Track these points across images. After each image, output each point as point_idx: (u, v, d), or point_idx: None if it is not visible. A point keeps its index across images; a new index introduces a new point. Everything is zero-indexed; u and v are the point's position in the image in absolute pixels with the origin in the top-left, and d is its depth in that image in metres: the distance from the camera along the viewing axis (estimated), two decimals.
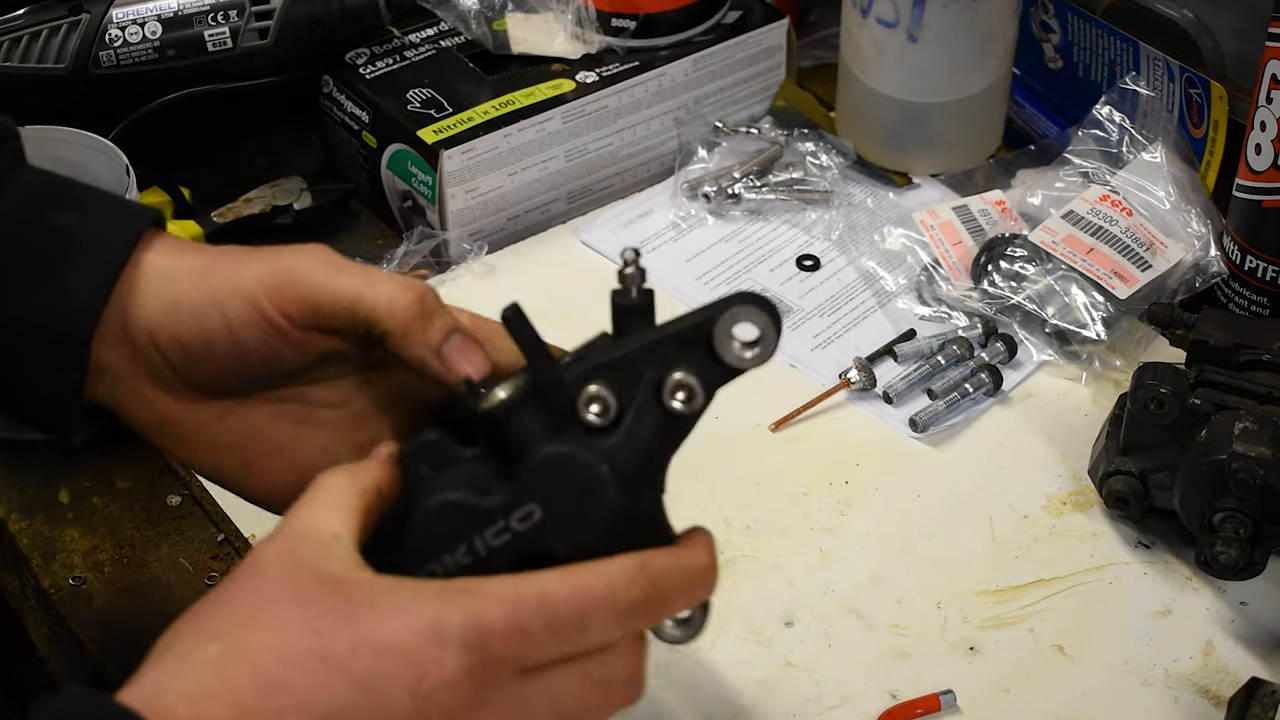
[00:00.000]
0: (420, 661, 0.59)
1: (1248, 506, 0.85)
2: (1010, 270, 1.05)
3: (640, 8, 1.15)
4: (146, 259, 0.72)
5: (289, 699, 0.58)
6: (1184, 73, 1.10)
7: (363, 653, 0.59)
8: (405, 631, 0.59)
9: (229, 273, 0.71)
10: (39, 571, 0.92)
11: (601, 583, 0.62)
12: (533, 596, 0.61)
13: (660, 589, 0.63)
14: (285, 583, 0.61)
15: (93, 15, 1.08)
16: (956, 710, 0.84)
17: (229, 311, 0.70)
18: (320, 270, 0.69)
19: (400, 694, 0.59)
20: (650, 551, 0.64)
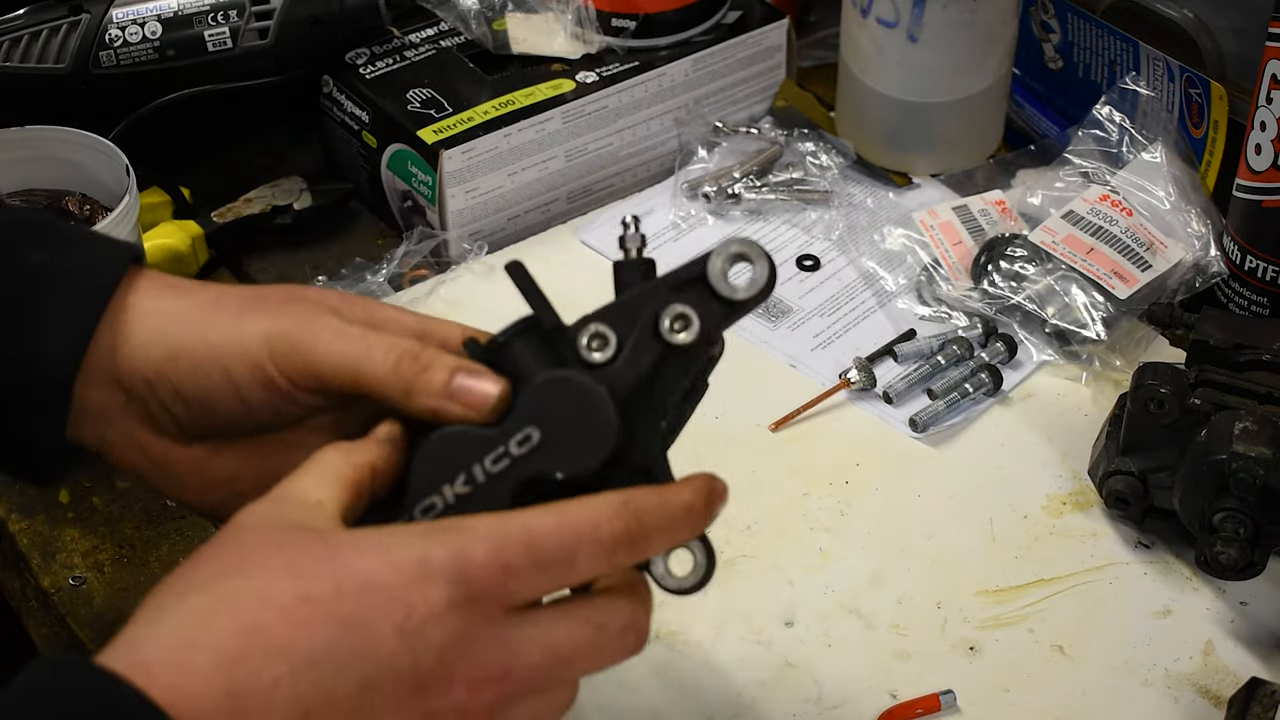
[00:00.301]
0: (406, 598, 0.58)
1: (1248, 506, 0.85)
2: (1010, 270, 1.05)
3: (640, 8, 1.15)
4: (132, 300, 0.71)
5: (273, 641, 0.57)
6: (1184, 73, 1.10)
7: (347, 591, 0.58)
8: (389, 568, 0.59)
9: (229, 331, 0.70)
10: (39, 571, 0.92)
11: (585, 516, 0.62)
12: (518, 531, 0.61)
13: (644, 524, 0.63)
14: (266, 536, 0.61)
15: (93, 15, 1.08)
16: (956, 710, 0.84)
17: (234, 373, 0.69)
18: (320, 338, 0.69)
19: (386, 631, 0.58)
20: (635, 488, 0.64)
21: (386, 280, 1.07)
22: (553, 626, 0.62)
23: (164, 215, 1.11)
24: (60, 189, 1.01)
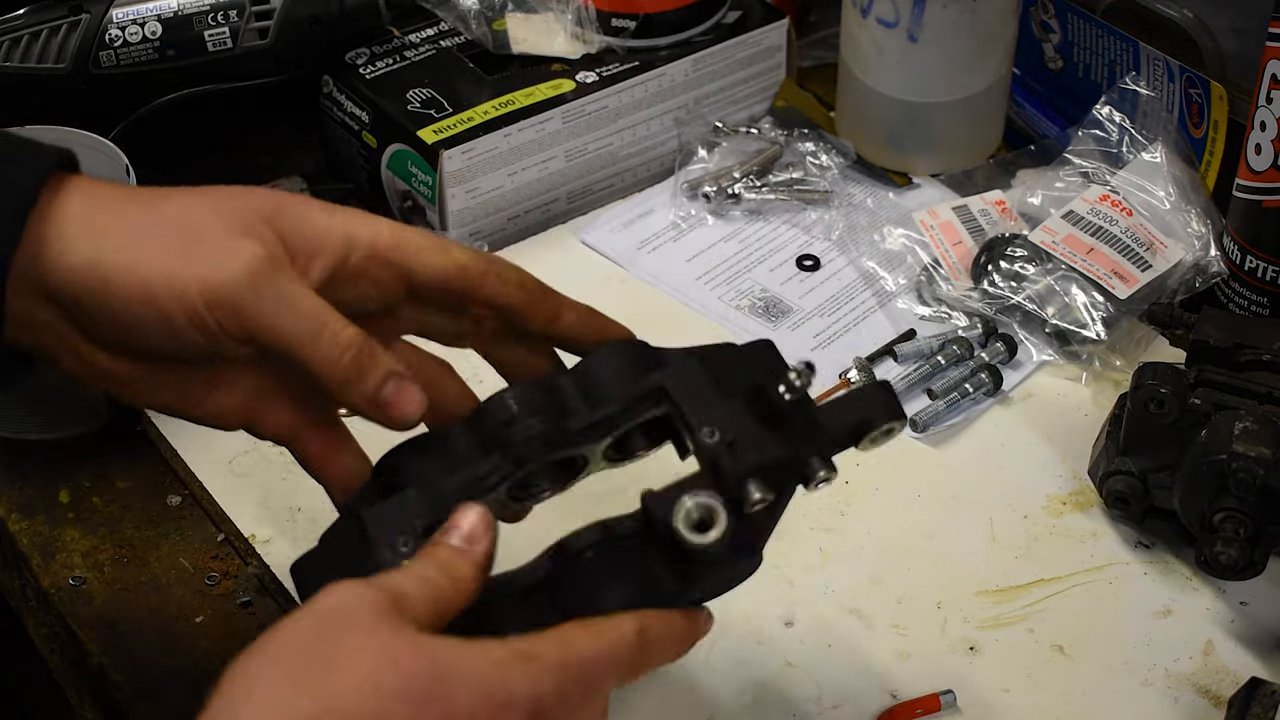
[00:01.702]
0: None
1: (1248, 506, 0.85)
2: (1010, 270, 1.05)
3: (640, 8, 1.15)
4: (62, 211, 0.69)
5: None
6: (1184, 73, 1.10)
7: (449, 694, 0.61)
8: (485, 698, 0.62)
9: (166, 270, 0.68)
10: (39, 571, 0.92)
11: (611, 648, 0.67)
12: (575, 664, 0.65)
13: (648, 653, 0.69)
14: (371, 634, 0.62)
15: (93, 15, 1.08)
16: (956, 710, 0.84)
17: (169, 313, 0.68)
18: (265, 305, 0.68)
19: None
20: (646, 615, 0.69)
21: None
22: None
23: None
24: None
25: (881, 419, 0.73)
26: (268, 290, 0.68)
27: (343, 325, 0.69)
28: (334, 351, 0.68)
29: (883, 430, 0.73)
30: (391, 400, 0.69)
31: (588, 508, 0.93)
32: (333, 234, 0.71)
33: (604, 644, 0.66)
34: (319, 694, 0.60)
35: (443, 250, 0.73)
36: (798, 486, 0.71)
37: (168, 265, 0.68)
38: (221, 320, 0.68)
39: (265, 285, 0.68)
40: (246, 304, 0.68)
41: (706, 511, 0.67)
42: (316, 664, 0.61)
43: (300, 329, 0.68)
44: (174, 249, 0.68)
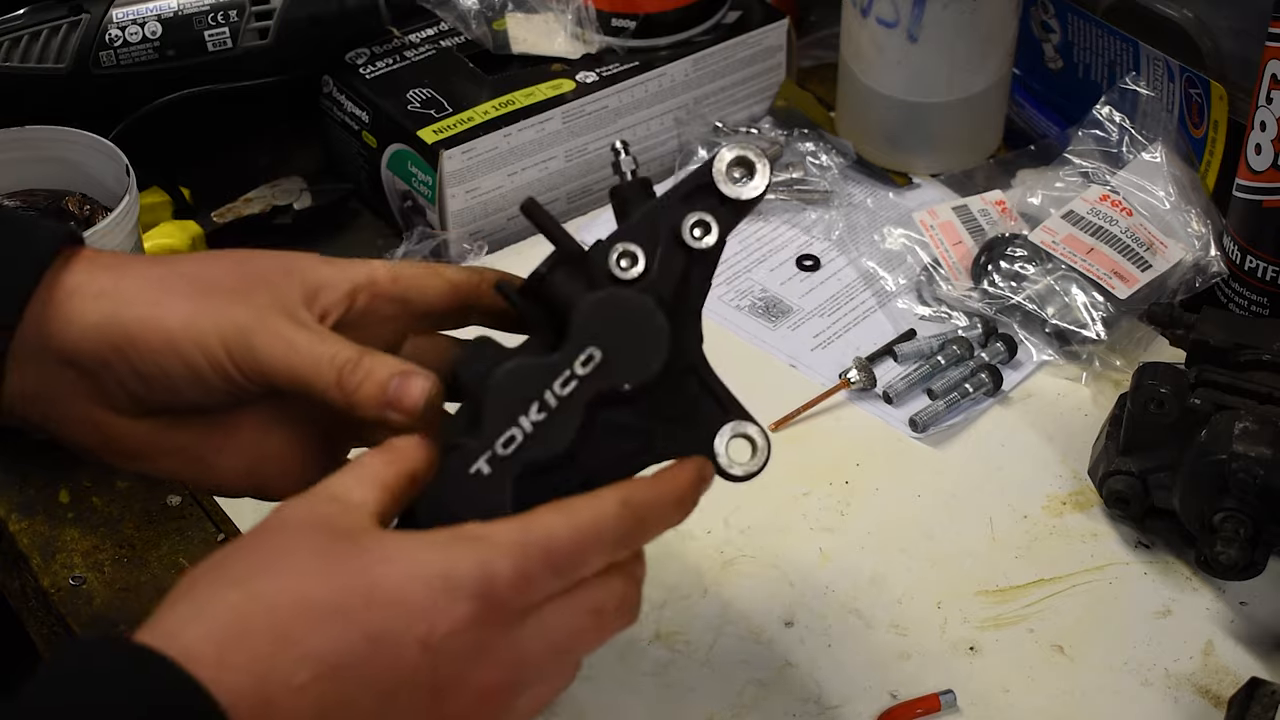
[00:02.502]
0: (431, 613, 0.61)
1: (1248, 506, 0.85)
2: (1010, 270, 1.05)
3: (640, 8, 1.15)
4: (72, 280, 0.72)
5: (304, 650, 0.60)
6: (1184, 73, 1.10)
7: (376, 605, 0.61)
8: (417, 584, 0.61)
9: (184, 320, 0.70)
10: (39, 571, 0.92)
11: (591, 519, 0.65)
12: (537, 541, 0.63)
13: (642, 520, 0.67)
14: (304, 536, 0.63)
15: (93, 15, 1.08)
16: (956, 710, 0.84)
17: (192, 362, 0.70)
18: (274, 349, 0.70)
19: (410, 644, 0.61)
20: (632, 484, 0.68)
21: None
22: (555, 621, 0.65)
23: (164, 215, 1.11)
24: (60, 189, 1.01)
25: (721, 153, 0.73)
26: (272, 330, 0.70)
27: (341, 346, 0.70)
28: (333, 370, 0.70)
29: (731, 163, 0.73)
30: (400, 394, 0.70)
31: None
32: (337, 281, 0.73)
33: (577, 521, 0.65)
34: (245, 589, 0.61)
35: (435, 274, 0.76)
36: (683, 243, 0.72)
37: (187, 314, 0.70)
38: (240, 364, 0.70)
39: (270, 325, 0.70)
40: (260, 346, 0.70)
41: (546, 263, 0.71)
42: (245, 567, 0.62)
43: (303, 361, 0.70)
44: (192, 300, 0.71)
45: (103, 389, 0.72)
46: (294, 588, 0.61)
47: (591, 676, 0.85)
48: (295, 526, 0.64)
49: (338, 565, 0.62)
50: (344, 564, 0.62)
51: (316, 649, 0.60)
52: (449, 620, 0.62)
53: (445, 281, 0.76)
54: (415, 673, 0.61)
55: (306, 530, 0.63)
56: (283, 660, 0.59)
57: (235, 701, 0.58)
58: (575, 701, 0.84)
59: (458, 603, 0.62)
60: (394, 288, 0.75)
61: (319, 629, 0.60)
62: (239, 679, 0.58)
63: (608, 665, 0.85)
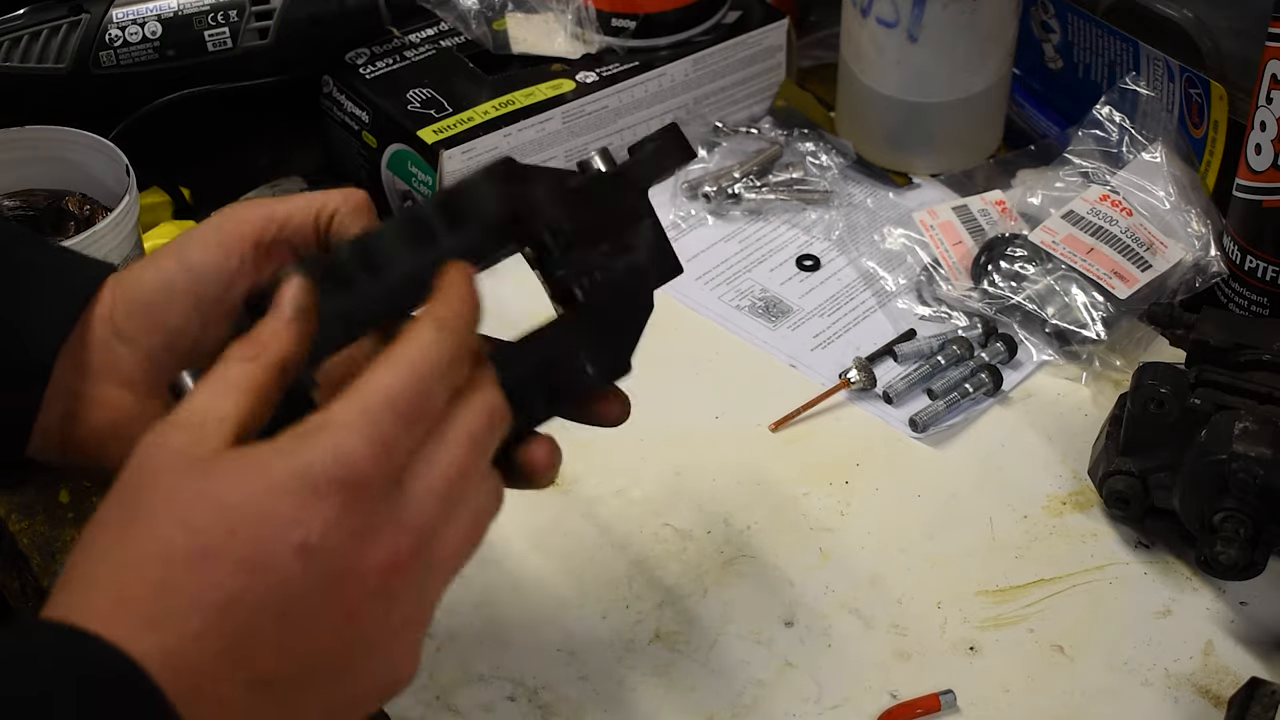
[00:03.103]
0: (300, 518, 0.59)
1: (1248, 506, 0.85)
2: (1010, 270, 1.05)
3: (640, 8, 1.15)
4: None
5: (184, 598, 0.58)
6: (1184, 73, 1.10)
7: (239, 533, 0.59)
8: (277, 495, 0.59)
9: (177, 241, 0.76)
10: (39, 571, 0.92)
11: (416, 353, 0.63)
12: (379, 402, 0.61)
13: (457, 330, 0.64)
14: (159, 479, 0.61)
15: (93, 15, 1.08)
16: (956, 710, 0.84)
17: (189, 253, 0.75)
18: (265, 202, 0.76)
19: (288, 558, 0.59)
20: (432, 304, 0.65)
21: None
22: (432, 470, 0.62)
23: (164, 215, 1.11)
24: (60, 189, 1.01)
25: None
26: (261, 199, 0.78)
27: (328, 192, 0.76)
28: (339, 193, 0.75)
29: None
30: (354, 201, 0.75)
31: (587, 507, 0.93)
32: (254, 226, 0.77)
33: (405, 363, 0.62)
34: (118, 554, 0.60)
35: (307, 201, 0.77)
36: None
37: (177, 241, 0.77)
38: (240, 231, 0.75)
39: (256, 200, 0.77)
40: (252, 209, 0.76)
41: None
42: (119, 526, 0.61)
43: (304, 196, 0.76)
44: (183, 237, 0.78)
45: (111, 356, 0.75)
46: (157, 539, 0.59)
47: (591, 676, 0.85)
48: (151, 468, 0.62)
49: (194, 504, 0.59)
50: (199, 501, 0.59)
51: (196, 594, 0.58)
52: (320, 518, 0.59)
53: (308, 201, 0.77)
54: (302, 582, 0.59)
55: (161, 471, 0.61)
56: (170, 615, 0.58)
57: (146, 662, 0.57)
58: (575, 701, 0.84)
59: (323, 498, 0.59)
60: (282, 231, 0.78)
61: (192, 574, 0.58)
62: (139, 640, 0.57)
63: (608, 665, 0.86)
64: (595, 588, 0.89)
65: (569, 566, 0.90)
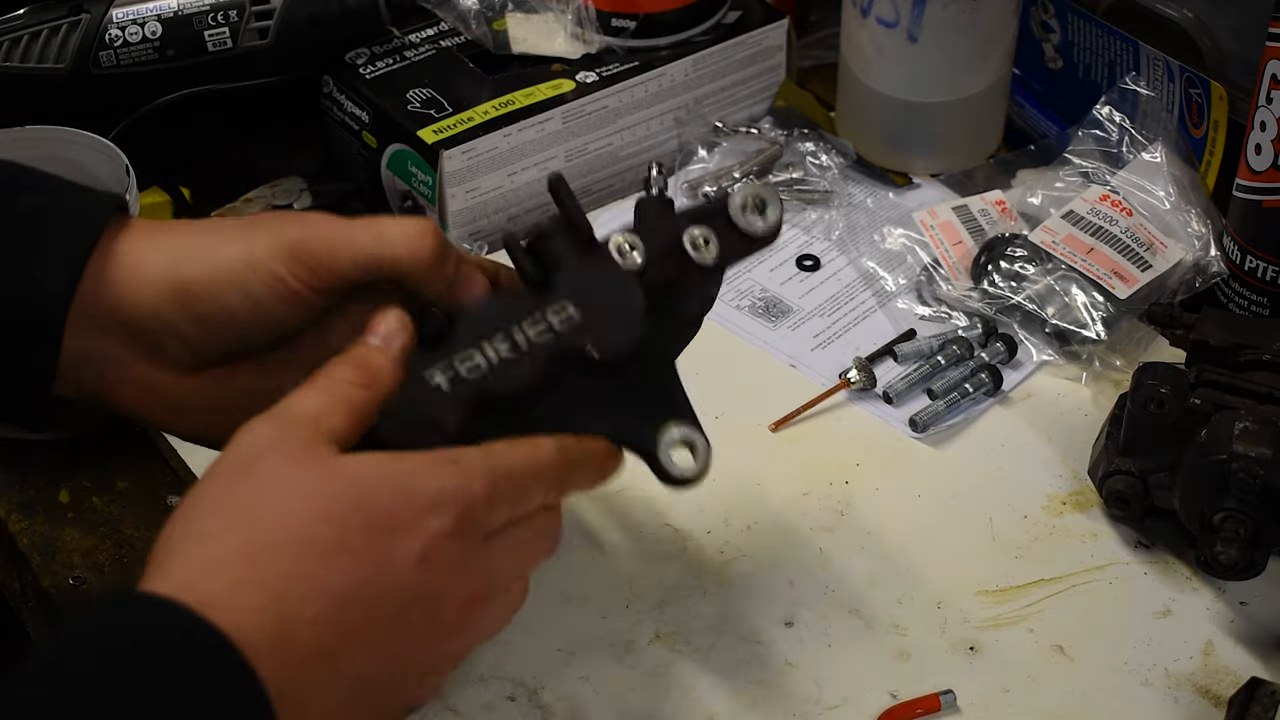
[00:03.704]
0: (422, 529, 0.65)
1: (1248, 506, 0.85)
2: (1010, 270, 1.05)
3: (640, 8, 1.15)
4: (124, 244, 0.74)
5: (314, 584, 0.63)
6: (1184, 73, 1.10)
7: (374, 531, 0.64)
8: (406, 503, 0.65)
9: (238, 251, 0.73)
10: (39, 571, 0.92)
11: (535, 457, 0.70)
12: (501, 470, 0.68)
13: (571, 470, 0.72)
14: (285, 469, 0.65)
15: (93, 15, 1.08)
16: (956, 710, 0.84)
17: (251, 288, 0.73)
18: (332, 235, 0.74)
19: (410, 562, 0.65)
20: (563, 437, 0.72)
21: None
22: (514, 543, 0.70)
23: (164, 215, 1.11)
24: None
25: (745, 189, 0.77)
26: (326, 226, 0.75)
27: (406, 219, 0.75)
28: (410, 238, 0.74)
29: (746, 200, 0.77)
30: (465, 286, 0.75)
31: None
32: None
33: (527, 456, 0.70)
34: (244, 534, 0.63)
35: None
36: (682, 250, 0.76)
37: (238, 247, 0.74)
38: (298, 272, 0.73)
39: (322, 224, 0.75)
40: (319, 247, 0.74)
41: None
42: (237, 506, 0.64)
43: (370, 237, 0.74)
44: (239, 236, 0.74)
45: (159, 346, 0.74)
46: (292, 525, 0.63)
47: (591, 676, 0.85)
48: (274, 458, 0.65)
49: (330, 498, 0.64)
50: (336, 495, 0.64)
51: (325, 581, 0.63)
52: (438, 535, 0.65)
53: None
54: (416, 587, 0.65)
55: (286, 462, 0.65)
56: (294, 597, 0.62)
57: (254, 641, 0.60)
58: (575, 701, 0.84)
59: (444, 518, 0.66)
60: None
61: (325, 562, 0.63)
62: (256, 619, 0.61)
63: (608, 665, 0.86)
64: (595, 588, 0.90)
65: (569, 566, 0.90)
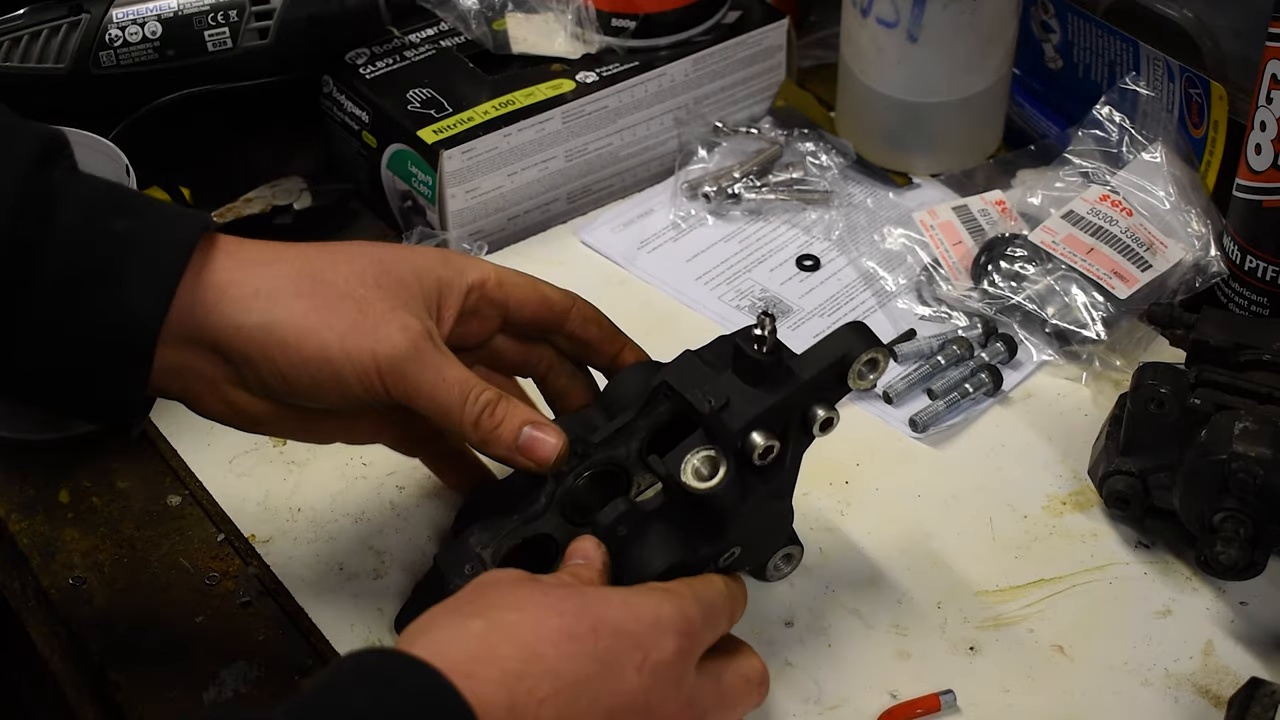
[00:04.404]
0: (645, 643, 0.72)
1: (1248, 506, 0.85)
2: (1010, 270, 1.05)
3: (640, 8, 1.15)
4: (215, 267, 0.77)
5: (545, 666, 0.69)
6: (1184, 73, 1.10)
7: (601, 634, 0.71)
8: (633, 619, 0.72)
9: (342, 342, 0.77)
10: (39, 571, 0.92)
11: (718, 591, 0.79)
12: (705, 599, 0.77)
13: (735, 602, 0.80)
14: (527, 584, 0.73)
15: (93, 15, 1.08)
16: (956, 710, 0.84)
17: (345, 378, 0.77)
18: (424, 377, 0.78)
19: (630, 669, 0.71)
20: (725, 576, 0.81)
21: None
22: (725, 675, 0.77)
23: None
24: None
25: (858, 349, 0.80)
26: (427, 363, 0.78)
27: (482, 389, 0.79)
28: (474, 409, 0.79)
29: (865, 362, 0.80)
30: (528, 447, 0.79)
31: None
32: (457, 284, 0.82)
33: (716, 588, 0.78)
34: (490, 618, 0.70)
35: (534, 288, 0.85)
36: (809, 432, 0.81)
37: (342, 335, 0.77)
38: (389, 385, 0.78)
39: (425, 358, 0.78)
40: (410, 374, 0.77)
41: (710, 462, 0.78)
42: (489, 604, 0.71)
43: (451, 396, 0.78)
44: (347, 320, 0.77)
45: (244, 378, 0.78)
46: (532, 618, 0.70)
47: None
48: (512, 579, 0.74)
49: (567, 603, 0.71)
50: (571, 603, 0.72)
51: (557, 667, 0.69)
52: (660, 651, 0.72)
53: (542, 297, 0.85)
54: (634, 694, 0.71)
55: (526, 580, 0.74)
56: (528, 676, 0.68)
57: (487, 709, 0.66)
58: None
59: (666, 637, 0.73)
60: (498, 293, 0.83)
61: (559, 650, 0.69)
62: (491, 691, 0.67)
63: None
64: None
65: None
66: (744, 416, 0.78)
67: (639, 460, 0.81)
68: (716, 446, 0.78)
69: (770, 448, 0.78)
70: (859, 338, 0.80)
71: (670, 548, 0.79)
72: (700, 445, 0.78)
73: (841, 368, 0.80)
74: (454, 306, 0.82)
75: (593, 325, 0.87)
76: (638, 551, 0.79)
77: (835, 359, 0.80)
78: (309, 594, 0.89)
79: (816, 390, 0.80)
